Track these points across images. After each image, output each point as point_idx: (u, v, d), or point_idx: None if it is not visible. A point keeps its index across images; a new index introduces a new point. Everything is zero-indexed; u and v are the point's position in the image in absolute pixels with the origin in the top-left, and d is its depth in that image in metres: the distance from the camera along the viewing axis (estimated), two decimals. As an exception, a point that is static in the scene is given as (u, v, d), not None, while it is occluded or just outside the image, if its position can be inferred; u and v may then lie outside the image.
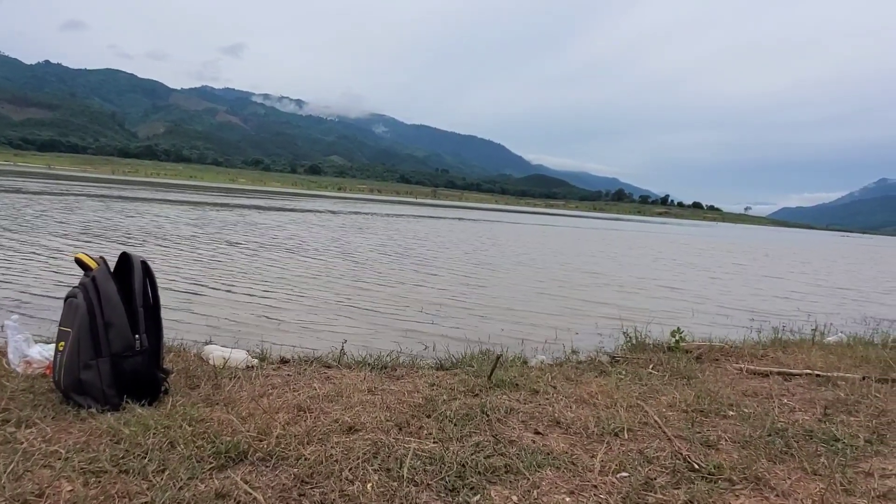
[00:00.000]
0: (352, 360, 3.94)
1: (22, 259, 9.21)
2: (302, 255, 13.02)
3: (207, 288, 8.13)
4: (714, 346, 5.09)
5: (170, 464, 2.03)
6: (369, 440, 2.39)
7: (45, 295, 6.66)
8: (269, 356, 3.91)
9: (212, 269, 9.89)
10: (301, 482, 2.02)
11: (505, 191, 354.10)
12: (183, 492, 1.86)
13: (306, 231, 20.24)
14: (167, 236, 14.33)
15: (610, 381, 3.65)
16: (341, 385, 3.20)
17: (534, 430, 2.75)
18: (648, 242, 33.08)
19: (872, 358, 4.75)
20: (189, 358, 3.55)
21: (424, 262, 13.56)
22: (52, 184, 43.02)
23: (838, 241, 77.70)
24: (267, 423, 2.44)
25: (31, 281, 7.56)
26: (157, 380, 2.76)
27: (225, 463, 2.09)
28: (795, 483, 2.27)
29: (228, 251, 12.61)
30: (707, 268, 18.69)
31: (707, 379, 3.89)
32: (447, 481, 2.10)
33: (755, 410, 3.18)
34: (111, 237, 13.16)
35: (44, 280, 7.68)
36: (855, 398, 3.49)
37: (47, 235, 12.45)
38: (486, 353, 4.38)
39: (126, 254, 2.86)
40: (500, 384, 3.39)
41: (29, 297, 6.57)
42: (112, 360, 2.63)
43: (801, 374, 4.14)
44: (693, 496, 2.10)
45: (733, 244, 40.03)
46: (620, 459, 2.40)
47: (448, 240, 21.85)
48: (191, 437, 2.22)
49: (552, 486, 2.15)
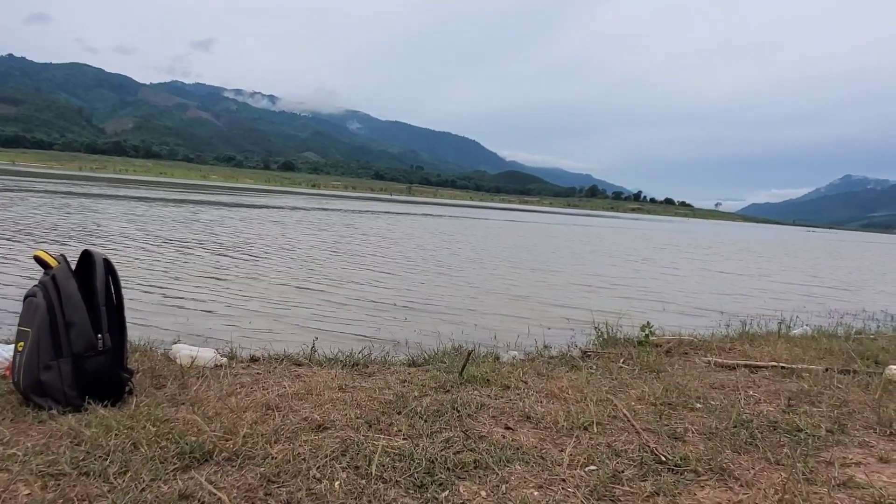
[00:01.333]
0: (323, 358, 3.91)
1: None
2: (235, 253, 12.49)
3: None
4: (683, 340, 5.17)
5: (132, 465, 1.98)
6: (338, 438, 2.38)
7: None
8: (239, 355, 3.86)
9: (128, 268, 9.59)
10: (268, 481, 1.99)
11: (479, 187, 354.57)
12: (145, 493, 1.82)
13: (254, 227, 19.90)
14: (98, 233, 13.59)
15: (581, 376, 3.68)
16: (311, 383, 3.17)
17: (504, 425, 2.75)
18: (622, 239, 33.46)
19: (836, 350, 4.87)
20: (156, 357, 3.49)
21: (369, 258, 13.51)
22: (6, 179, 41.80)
23: (804, 237, 79.46)
24: (234, 423, 2.41)
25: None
26: (120, 380, 2.71)
27: (189, 463, 2.05)
28: (759, 473, 2.31)
29: (160, 249, 12.07)
30: (680, 264, 18.97)
31: (676, 372, 3.95)
32: (416, 478, 2.09)
33: (722, 402, 3.23)
34: (37, 236, 12.42)
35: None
36: (818, 389, 3.56)
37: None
38: (458, 349, 4.39)
39: (88, 251, 2.80)
40: (471, 380, 3.40)
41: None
42: (73, 361, 2.57)
43: (766, 367, 4.22)
44: (659, 488, 2.13)
45: (708, 240, 40.69)
46: (589, 453, 2.42)
47: (407, 237, 21.82)
48: (154, 438, 2.18)
49: (521, 480, 2.16)
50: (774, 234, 79.26)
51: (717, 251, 27.78)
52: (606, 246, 25.43)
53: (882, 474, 2.39)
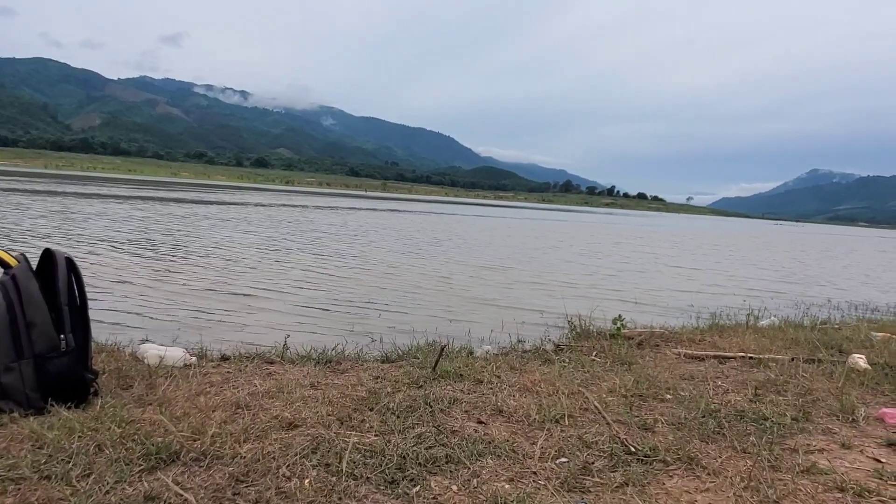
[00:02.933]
0: (295, 356, 3.87)
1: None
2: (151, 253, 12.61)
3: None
4: (655, 333, 5.24)
5: (96, 468, 1.94)
6: (309, 436, 2.36)
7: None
8: (209, 354, 3.80)
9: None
10: (236, 481, 1.97)
11: (455, 183, 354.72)
12: (109, 496, 1.79)
13: (195, 225, 19.73)
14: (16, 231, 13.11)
15: (553, 370, 3.70)
16: (283, 381, 3.14)
17: (476, 419, 2.76)
18: (592, 235, 33.76)
19: (801, 340, 4.98)
20: (123, 358, 3.42)
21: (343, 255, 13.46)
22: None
23: (772, 230, 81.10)
24: (202, 422, 2.37)
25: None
26: (84, 381, 2.65)
27: (155, 465, 2.02)
28: (726, 461, 2.35)
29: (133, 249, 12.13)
30: (656, 257, 19.22)
31: (647, 364, 4.00)
32: (387, 474, 2.08)
33: (691, 393, 3.28)
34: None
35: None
36: (784, 378, 3.64)
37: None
38: (432, 344, 4.38)
39: (49, 250, 2.73)
40: (444, 375, 3.40)
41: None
42: (35, 362, 2.51)
43: (735, 357, 4.30)
44: (629, 478, 2.16)
45: (678, 234, 41.28)
46: (560, 445, 2.44)
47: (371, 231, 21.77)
48: (119, 439, 2.14)
49: (492, 473, 2.17)
50: (743, 228, 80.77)
51: (685, 245, 28.22)
52: (581, 241, 25.65)
53: (844, 460, 2.46)
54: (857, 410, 3.05)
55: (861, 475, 2.30)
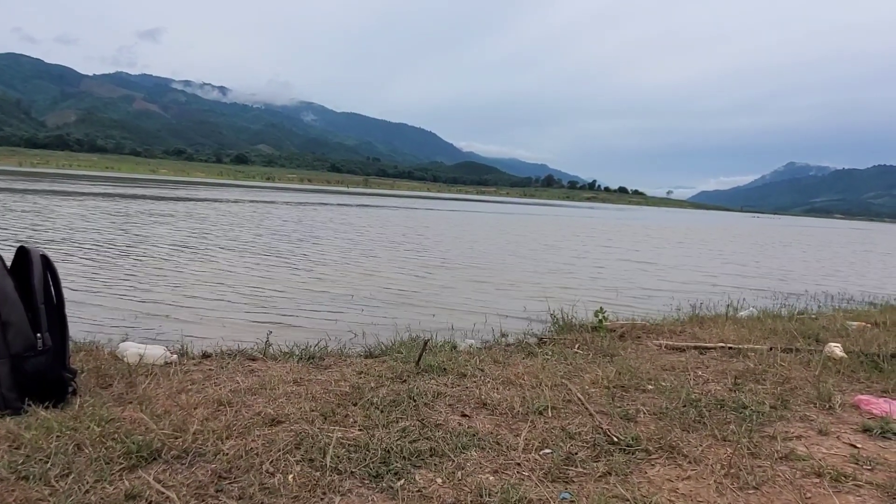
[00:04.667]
0: (278, 352, 3.84)
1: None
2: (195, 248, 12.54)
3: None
4: (636, 325, 5.29)
5: (75, 467, 1.92)
6: (292, 431, 2.35)
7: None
8: (190, 351, 3.77)
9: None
10: (219, 478, 1.95)
11: (437, 178, 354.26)
12: (89, 495, 1.76)
13: (217, 218, 19.57)
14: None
15: (536, 362, 3.73)
16: (266, 377, 3.13)
17: (460, 412, 2.77)
18: (586, 228, 33.96)
19: (779, 330, 5.06)
20: (102, 356, 3.38)
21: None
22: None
23: (751, 222, 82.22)
24: (183, 420, 2.35)
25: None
26: (62, 380, 2.61)
27: (136, 463, 2.00)
28: (706, 449, 2.38)
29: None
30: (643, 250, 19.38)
31: (629, 356, 4.04)
32: (371, 468, 2.08)
33: (672, 383, 3.32)
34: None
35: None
36: (763, 368, 3.70)
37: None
38: (415, 339, 4.38)
39: (24, 248, 2.68)
40: (428, 369, 3.40)
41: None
42: (12, 362, 2.47)
43: (715, 348, 4.36)
44: (611, 468, 2.18)
45: (660, 227, 41.66)
46: (544, 437, 2.45)
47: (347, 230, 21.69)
48: (99, 438, 2.11)
49: (476, 466, 2.17)
50: (721, 220, 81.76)
51: (668, 238, 28.50)
52: (560, 234, 25.79)
53: (821, 446, 2.50)
54: (834, 398, 3.11)
55: (838, 460, 2.35)
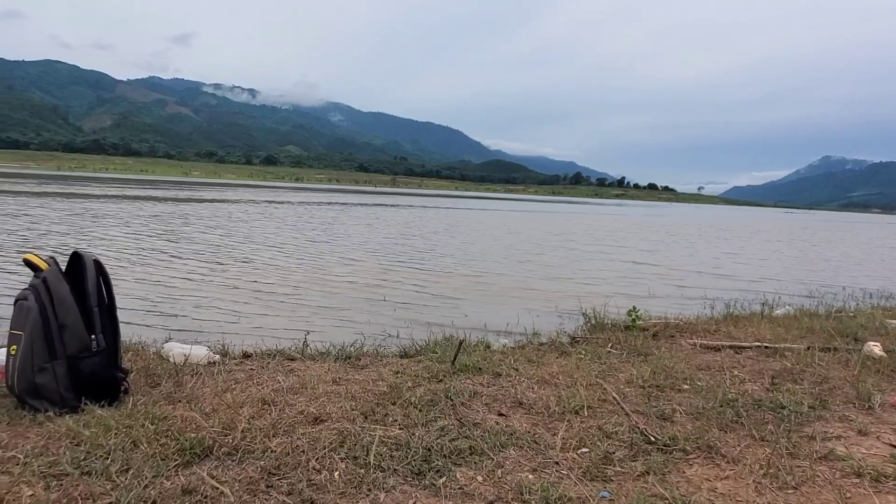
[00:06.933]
0: (315, 352, 3.93)
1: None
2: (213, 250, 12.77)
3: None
4: (669, 324, 5.27)
5: (133, 463, 2.01)
6: (335, 430, 2.41)
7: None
8: (231, 351, 3.87)
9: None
10: (268, 474, 2.03)
11: (465, 177, 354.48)
12: (148, 490, 1.85)
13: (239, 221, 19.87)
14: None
15: (570, 362, 3.75)
16: (305, 377, 3.21)
17: (497, 411, 2.81)
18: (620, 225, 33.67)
19: (817, 329, 4.99)
20: (148, 356, 3.50)
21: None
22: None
23: (782, 218, 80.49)
24: (231, 418, 2.44)
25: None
26: (116, 380, 2.72)
27: (190, 459, 2.08)
28: (745, 450, 2.39)
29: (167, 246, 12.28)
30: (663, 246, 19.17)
31: (663, 355, 4.03)
32: (413, 466, 2.14)
33: (708, 383, 3.32)
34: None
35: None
36: (800, 367, 3.67)
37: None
38: (449, 339, 4.42)
39: (77, 253, 2.80)
40: (463, 369, 3.45)
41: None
42: (68, 362, 2.58)
43: (750, 347, 4.32)
44: (649, 467, 2.20)
45: (688, 223, 41.08)
46: (581, 436, 2.48)
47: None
48: (154, 436, 2.21)
49: (515, 464, 2.22)
50: (751, 216, 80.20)
51: (695, 234, 28.10)
52: (596, 232, 25.62)
53: (861, 446, 2.49)
54: (874, 397, 3.08)
55: (878, 461, 2.34)
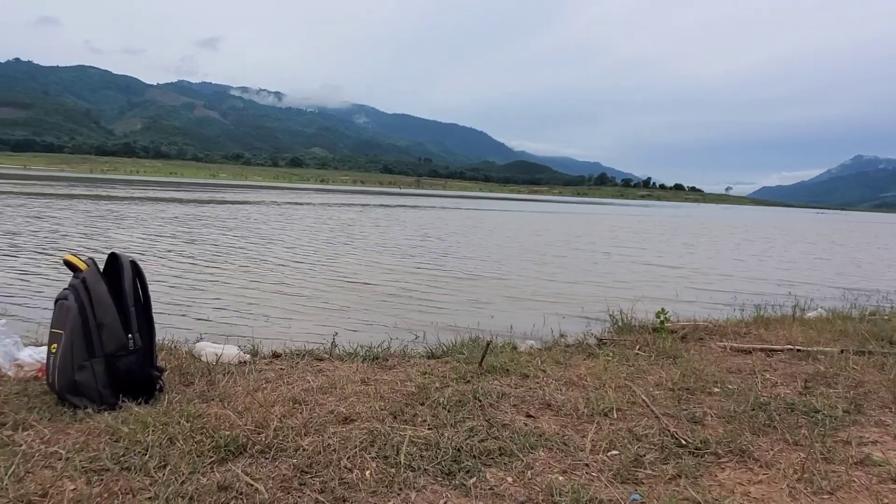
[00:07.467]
0: (343, 353, 3.97)
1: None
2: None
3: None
4: (698, 326, 5.20)
5: (170, 459, 2.06)
6: (365, 429, 2.44)
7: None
8: (261, 351, 3.93)
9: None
10: (301, 472, 2.06)
11: (489, 178, 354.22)
12: (186, 486, 1.90)
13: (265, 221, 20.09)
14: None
15: (598, 363, 3.73)
16: (334, 377, 3.24)
17: (525, 413, 2.81)
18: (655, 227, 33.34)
19: (850, 331, 4.89)
20: (181, 355, 3.57)
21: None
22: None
23: (813, 219, 78.89)
24: (264, 417, 2.48)
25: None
26: (151, 378, 2.79)
27: (225, 456, 2.13)
28: (778, 454, 2.36)
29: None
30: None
31: (692, 358, 3.98)
32: (443, 466, 2.15)
33: (739, 386, 3.27)
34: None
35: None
36: (834, 371, 3.60)
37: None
38: (475, 340, 4.43)
39: (115, 254, 2.87)
40: (490, 370, 3.46)
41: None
42: (106, 361, 2.65)
43: (782, 350, 4.25)
44: (681, 470, 2.18)
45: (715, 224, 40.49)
46: (610, 438, 2.47)
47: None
48: (189, 433, 2.26)
49: (545, 466, 2.22)
50: (781, 217, 78.76)
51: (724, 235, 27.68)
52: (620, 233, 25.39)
53: (899, 452, 2.44)
54: (912, 402, 3.01)
55: (917, 467, 2.29)
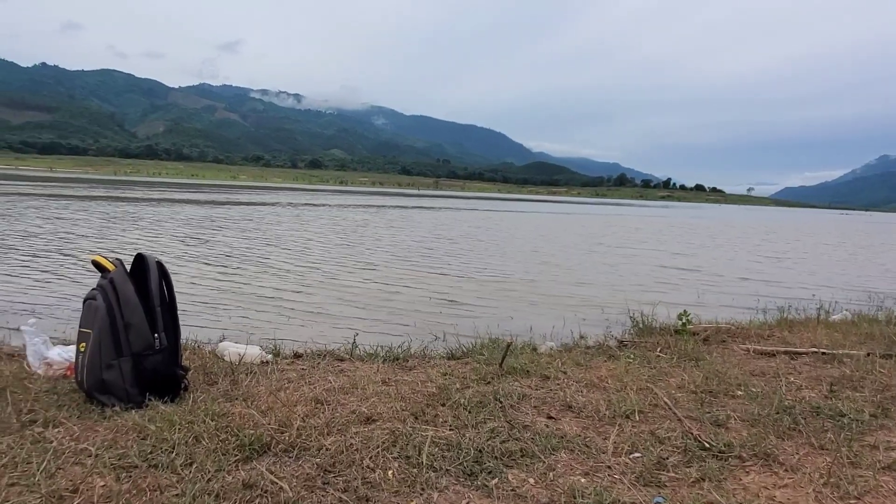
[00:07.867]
0: (364, 353, 4.00)
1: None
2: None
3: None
4: (721, 328, 5.15)
5: (197, 457, 2.10)
6: (387, 429, 2.46)
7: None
8: (283, 351, 3.97)
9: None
10: (324, 471, 2.09)
11: (507, 179, 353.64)
12: (211, 483, 1.93)
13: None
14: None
15: (619, 365, 3.71)
16: (355, 377, 3.27)
17: (546, 414, 2.81)
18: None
19: (877, 334, 4.81)
20: (205, 355, 3.63)
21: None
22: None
23: (837, 220, 77.56)
24: (287, 416, 2.51)
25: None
26: (177, 377, 2.83)
27: (249, 455, 2.16)
28: (803, 458, 2.33)
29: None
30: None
31: (715, 360, 3.95)
32: (465, 466, 2.16)
33: (763, 389, 3.24)
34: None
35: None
36: (860, 374, 3.55)
37: None
38: (495, 341, 4.43)
39: (141, 255, 2.92)
40: (511, 371, 3.46)
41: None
42: (133, 360, 2.70)
43: (807, 353, 4.20)
44: (704, 473, 2.17)
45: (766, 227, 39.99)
46: (633, 440, 2.46)
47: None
48: (214, 432, 2.29)
49: (567, 467, 2.22)
50: (805, 218, 77.58)
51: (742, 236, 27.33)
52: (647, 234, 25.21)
53: (929, 458, 2.39)
54: (941, 407, 2.95)
55: (947, 473, 2.25)
